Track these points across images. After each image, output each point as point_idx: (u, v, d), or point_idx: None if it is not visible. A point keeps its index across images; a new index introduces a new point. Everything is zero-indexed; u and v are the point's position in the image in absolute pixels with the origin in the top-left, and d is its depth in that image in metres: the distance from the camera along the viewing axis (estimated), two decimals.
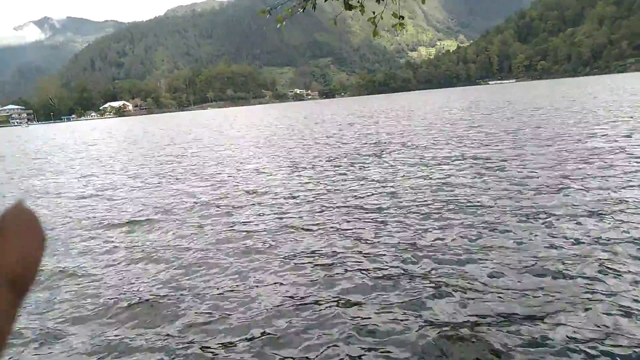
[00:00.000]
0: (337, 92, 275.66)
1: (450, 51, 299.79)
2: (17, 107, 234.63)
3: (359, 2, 4.42)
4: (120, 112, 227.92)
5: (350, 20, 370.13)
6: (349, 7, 4.33)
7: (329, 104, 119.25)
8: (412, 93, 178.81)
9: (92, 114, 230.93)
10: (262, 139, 24.70)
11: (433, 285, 4.73)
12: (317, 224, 7.36)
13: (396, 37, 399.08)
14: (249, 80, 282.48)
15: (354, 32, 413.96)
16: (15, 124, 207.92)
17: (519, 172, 9.96)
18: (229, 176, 12.97)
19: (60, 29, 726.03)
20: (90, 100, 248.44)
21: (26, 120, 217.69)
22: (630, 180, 8.41)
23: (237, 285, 5.26)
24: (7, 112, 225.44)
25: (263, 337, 4.09)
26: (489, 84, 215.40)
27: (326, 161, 14.36)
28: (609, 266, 4.84)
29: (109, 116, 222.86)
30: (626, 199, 7.22)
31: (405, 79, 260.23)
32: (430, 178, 10.08)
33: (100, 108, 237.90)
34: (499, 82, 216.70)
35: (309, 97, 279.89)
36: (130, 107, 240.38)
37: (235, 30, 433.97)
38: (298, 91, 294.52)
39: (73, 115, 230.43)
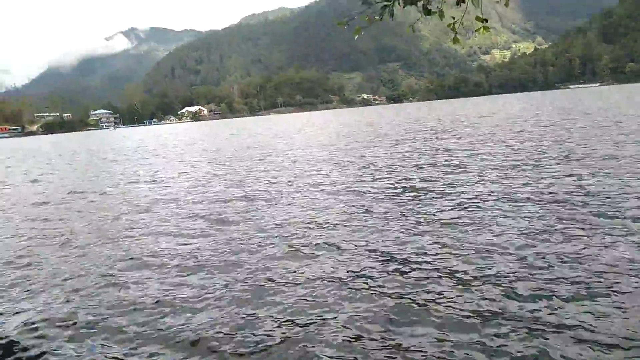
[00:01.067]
0: (405, 97, 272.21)
1: (527, 54, 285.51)
2: (106, 111, 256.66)
3: (438, 7, 4.29)
4: (196, 117, 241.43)
5: (420, 24, 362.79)
6: (428, 12, 4.22)
7: (395, 109, 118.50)
8: (485, 97, 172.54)
9: (171, 118, 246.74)
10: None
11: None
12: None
13: (468, 41, 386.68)
14: (317, 86, 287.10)
15: (423, 36, 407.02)
16: (104, 127, 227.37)
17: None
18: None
19: (145, 39, 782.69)
20: (169, 105, 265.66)
21: (113, 123, 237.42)
22: None
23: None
24: (97, 117, 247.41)
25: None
26: (569, 87, 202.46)
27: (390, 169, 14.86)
28: None
29: (186, 120, 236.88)
30: None
31: (477, 82, 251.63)
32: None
33: (179, 113, 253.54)
34: (581, 86, 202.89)
35: (377, 102, 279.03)
36: (205, 112, 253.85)
37: (304, 37, 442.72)
38: (365, 96, 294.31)
39: (154, 119, 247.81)
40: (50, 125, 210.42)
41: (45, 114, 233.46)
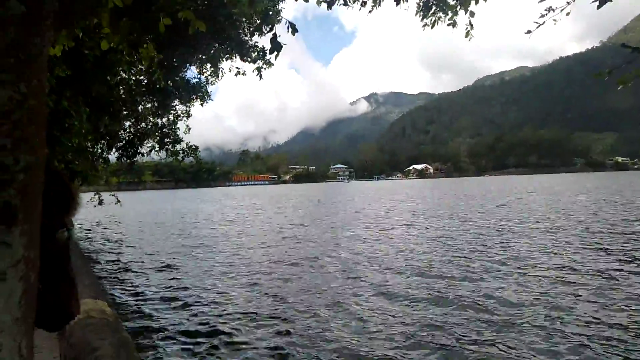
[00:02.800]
0: None
1: None
2: (342, 166, 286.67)
3: None
4: (421, 174, 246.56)
5: None
6: None
7: None
8: None
9: (398, 175, 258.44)
10: None
11: None
12: None
13: None
14: (557, 147, 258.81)
15: None
16: (340, 179, 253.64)
17: None
18: None
19: (382, 102, 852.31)
20: (397, 163, 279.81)
21: (347, 176, 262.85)
22: None
23: None
24: (335, 170, 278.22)
25: None
26: None
27: None
28: None
29: (411, 177, 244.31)
30: None
31: None
32: None
33: (405, 170, 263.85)
34: None
35: (636, 167, 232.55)
36: (431, 170, 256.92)
37: (545, 95, 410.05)
38: (620, 159, 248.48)
39: (383, 175, 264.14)
40: (299, 176, 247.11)
41: (296, 166, 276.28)
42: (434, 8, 5.01)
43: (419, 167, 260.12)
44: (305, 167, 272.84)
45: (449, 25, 5.15)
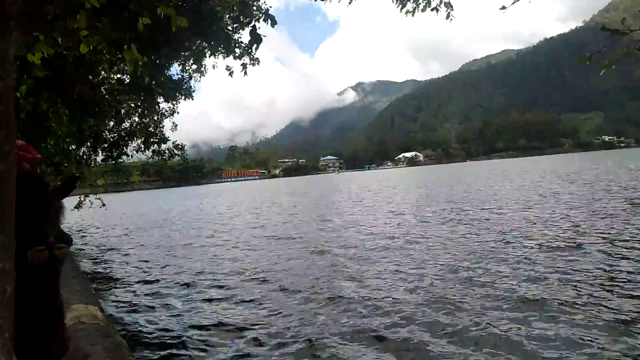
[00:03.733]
0: None
1: None
2: (332, 157, 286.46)
3: None
4: (412, 162, 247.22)
5: None
6: None
7: None
8: None
9: (388, 163, 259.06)
10: None
11: None
12: None
13: None
14: (545, 129, 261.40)
15: None
16: (330, 171, 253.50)
17: None
18: None
19: (370, 91, 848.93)
20: (387, 152, 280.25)
21: (338, 168, 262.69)
22: None
23: None
24: (325, 162, 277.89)
25: None
26: None
27: None
28: None
29: (402, 165, 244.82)
30: None
31: None
32: None
33: (396, 158, 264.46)
34: None
35: (622, 144, 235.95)
36: (421, 157, 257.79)
37: (531, 78, 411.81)
38: (607, 139, 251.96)
39: (373, 165, 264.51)
40: (288, 169, 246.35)
41: (285, 160, 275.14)
42: None
43: (409, 155, 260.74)
44: (295, 160, 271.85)
45: (432, 10, 5.10)
